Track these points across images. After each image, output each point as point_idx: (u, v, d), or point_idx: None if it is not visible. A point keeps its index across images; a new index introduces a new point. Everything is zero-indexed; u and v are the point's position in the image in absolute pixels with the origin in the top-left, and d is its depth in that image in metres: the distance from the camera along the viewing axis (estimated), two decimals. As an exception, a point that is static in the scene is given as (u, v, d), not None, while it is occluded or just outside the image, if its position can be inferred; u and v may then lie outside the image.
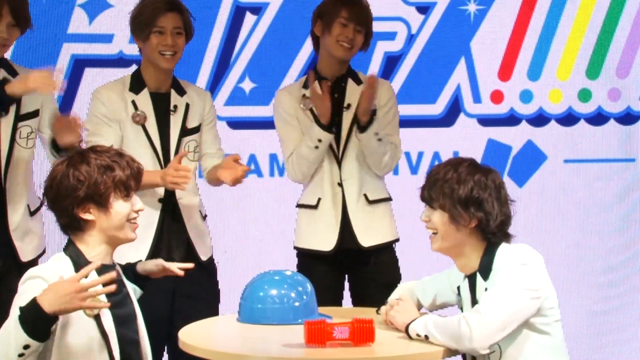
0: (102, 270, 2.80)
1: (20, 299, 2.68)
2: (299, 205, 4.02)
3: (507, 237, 3.03)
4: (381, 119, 3.94)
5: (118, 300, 2.85)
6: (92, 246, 2.82)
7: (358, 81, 3.99)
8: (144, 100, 3.75)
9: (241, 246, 4.94)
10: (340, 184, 3.92)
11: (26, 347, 2.58)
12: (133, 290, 3.01)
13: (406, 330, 2.94)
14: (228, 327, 3.23)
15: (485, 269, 2.97)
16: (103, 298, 2.77)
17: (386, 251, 3.97)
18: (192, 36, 3.81)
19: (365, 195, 3.94)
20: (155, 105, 3.75)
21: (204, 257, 3.79)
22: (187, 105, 3.80)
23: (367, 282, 3.92)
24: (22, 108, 3.63)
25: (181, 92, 3.82)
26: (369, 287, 3.91)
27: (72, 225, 2.82)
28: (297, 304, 3.15)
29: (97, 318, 2.77)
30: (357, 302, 3.96)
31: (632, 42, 5.21)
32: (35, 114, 3.66)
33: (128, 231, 2.87)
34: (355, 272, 3.98)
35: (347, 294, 4.05)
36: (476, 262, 3.00)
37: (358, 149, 3.92)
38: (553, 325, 2.97)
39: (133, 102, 3.73)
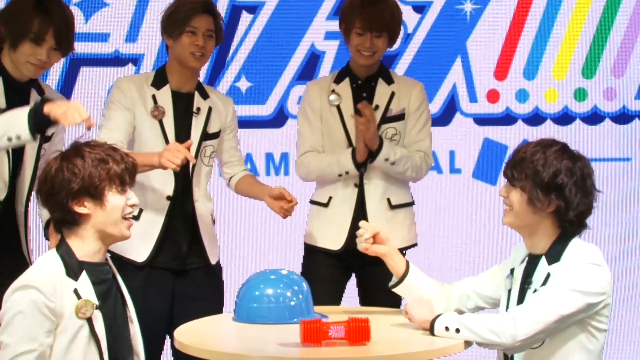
0: (93, 268, 2.80)
1: (17, 318, 2.66)
2: (311, 202, 4.01)
3: (582, 228, 2.98)
4: (410, 127, 3.92)
5: (109, 302, 2.84)
6: (86, 242, 2.80)
7: (389, 80, 3.96)
8: (165, 96, 3.73)
9: (237, 245, 4.93)
10: (358, 185, 3.90)
11: None
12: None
13: (432, 323, 2.90)
14: (224, 326, 3.23)
15: (554, 255, 2.93)
16: (94, 299, 2.77)
17: None
18: (221, 41, 3.80)
19: (388, 199, 3.91)
20: (175, 103, 3.73)
21: (213, 261, 3.80)
22: (210, 109, 3.79)
23: (376, 283, 3.88)
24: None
25: (204, 95, 3.81)
26: (378, 288, 3.87)
27: (67, 220, 2.80)
28: (292, 303, 3.15)
29: (89, 321, 2.75)
30: (365, 302, 3.95)
31: (628, 41, 5.21)
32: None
33: (123, 228, 2.84)
34: (363, 272, 3.95)
35: (352, 293, 4.04)
36: (545, 245, 2.96)
37: None
38: (602, 332, 2.94)
39: (153, 97, 3.72)
